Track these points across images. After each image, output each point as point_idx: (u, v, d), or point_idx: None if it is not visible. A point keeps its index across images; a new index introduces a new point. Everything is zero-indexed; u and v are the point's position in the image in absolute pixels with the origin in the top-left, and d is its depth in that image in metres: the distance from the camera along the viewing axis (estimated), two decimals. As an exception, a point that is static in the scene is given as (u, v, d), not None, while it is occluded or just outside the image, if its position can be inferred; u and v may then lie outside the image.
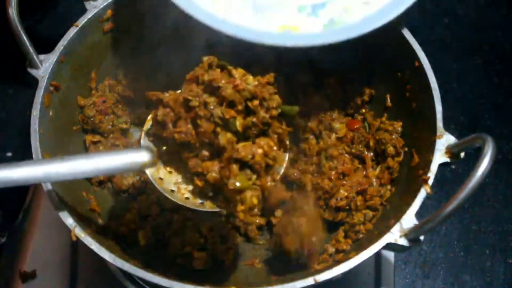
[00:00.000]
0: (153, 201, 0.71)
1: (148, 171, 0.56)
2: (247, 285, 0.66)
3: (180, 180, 0.59)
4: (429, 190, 0.56)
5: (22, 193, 0.82)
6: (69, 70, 0.69)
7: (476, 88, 0.95)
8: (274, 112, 0.52)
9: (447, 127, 0.60)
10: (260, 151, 0.50)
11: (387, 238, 0.54)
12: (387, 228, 0.55)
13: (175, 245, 0.69)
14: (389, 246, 0.54)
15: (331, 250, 0.66)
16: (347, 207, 0.70)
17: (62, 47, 0.66)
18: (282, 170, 0.57)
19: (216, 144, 0.50)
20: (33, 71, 0.64)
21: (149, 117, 0.56)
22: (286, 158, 0.58)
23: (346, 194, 0.70)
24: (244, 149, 0.50)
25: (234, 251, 0.70)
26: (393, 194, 0.67)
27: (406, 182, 0.65)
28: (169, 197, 0.57)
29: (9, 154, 0.89)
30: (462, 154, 0.58)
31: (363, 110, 0.77)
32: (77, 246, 0.75)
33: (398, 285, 0.77)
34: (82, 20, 0.69)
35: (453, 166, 0.87)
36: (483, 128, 0.91)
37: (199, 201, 0.58)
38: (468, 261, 0.79)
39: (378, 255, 0.75)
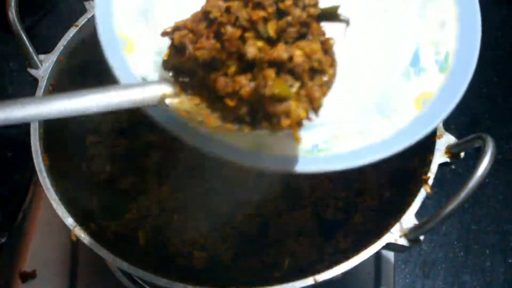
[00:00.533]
0: (153, 201, 0.71)
1: (170, 103, 0.47)
2: (247, 285, 0.66)
3: (209, 111, 0.48)
4: (429, 190, 0.56)
5: (22, 193, 0.82)
6: (69, 70, 0.69)
7: (476, 88, 0.95)
8: (313, 10, 0.43)
9: (447, 127, 0.60)
10: (299, 52, 0.41)
11: (387, 238, 0.54)
12: (387, 228, 0.55)
13: (175, 245, 0.69)
14: (389, 246, 0.54)
15: (331, 250, 0.66)
16: (347, 208, 0.70)
17: (62, 47, 0.66)
18: (333, 85, 0.45)
19: (246, 56, 0.41)
20: (32, 71, 0.64)
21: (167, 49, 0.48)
22: (337, 73, 0.46)
23: (345, 194, 0.70)
24: (277, 50, 0.41)
25: (234, 251, 0.70)
26: (393, 194, 0.67)
27: (406, 182, 0.65)
28: (199, 128, 0.47)
29: (9, 154, 0.89)
30: (462, 154, 0.58)
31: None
32: (77, 246, 0.75)
33: (398, 285, 0.77)
34: (82, 20, 0.69)
35: (453, 166, 0.86)
36: (483, 128, 0.91)
37: (235, 127, 0.46)
38: (468, 261, 0.79)
39: (378, 255, 0.75)
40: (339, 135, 0.53)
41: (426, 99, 0.54)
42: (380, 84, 0.56)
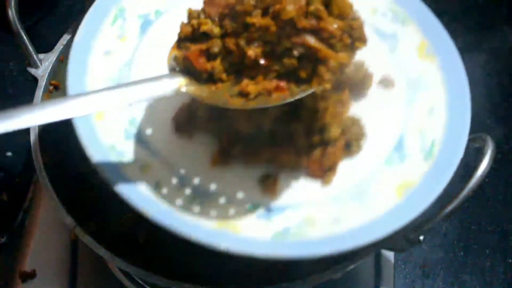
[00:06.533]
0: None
1: (187, 90, 0.47)
2: (247, 285, 0.66)
3: (229, 94, 0.47)
4: (429, 190, 0.56)
5: (22, 193, 0.82)
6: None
7: (476, 88, 0.95)
8: None
9: (447, 127, 0.60)
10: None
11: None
12: (387, 228, 0.55)
13: (175, 245, 0.69)
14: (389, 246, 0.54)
15: (331, 250, 0.66)
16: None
17: (61, 46, 0.66)
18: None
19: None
20: (32, 70, 0.64)
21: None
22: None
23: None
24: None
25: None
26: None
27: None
28: (228, 107, 0.46)
29: (9, 154, 0.89)
30: (462, 154, 0.58)
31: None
32: (77, 246, 0.75)
33: (398, 285, 0.77)
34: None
35: (453, 166, 0.86)
36: (483, 128, 0.91)
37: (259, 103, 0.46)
38: (468, 261, 0.79)
39: (378, 255, 0.75)
40: (313, 220, 0.50)
41: (408, 187, 0.51)
42: (361, 170, 0.53)
